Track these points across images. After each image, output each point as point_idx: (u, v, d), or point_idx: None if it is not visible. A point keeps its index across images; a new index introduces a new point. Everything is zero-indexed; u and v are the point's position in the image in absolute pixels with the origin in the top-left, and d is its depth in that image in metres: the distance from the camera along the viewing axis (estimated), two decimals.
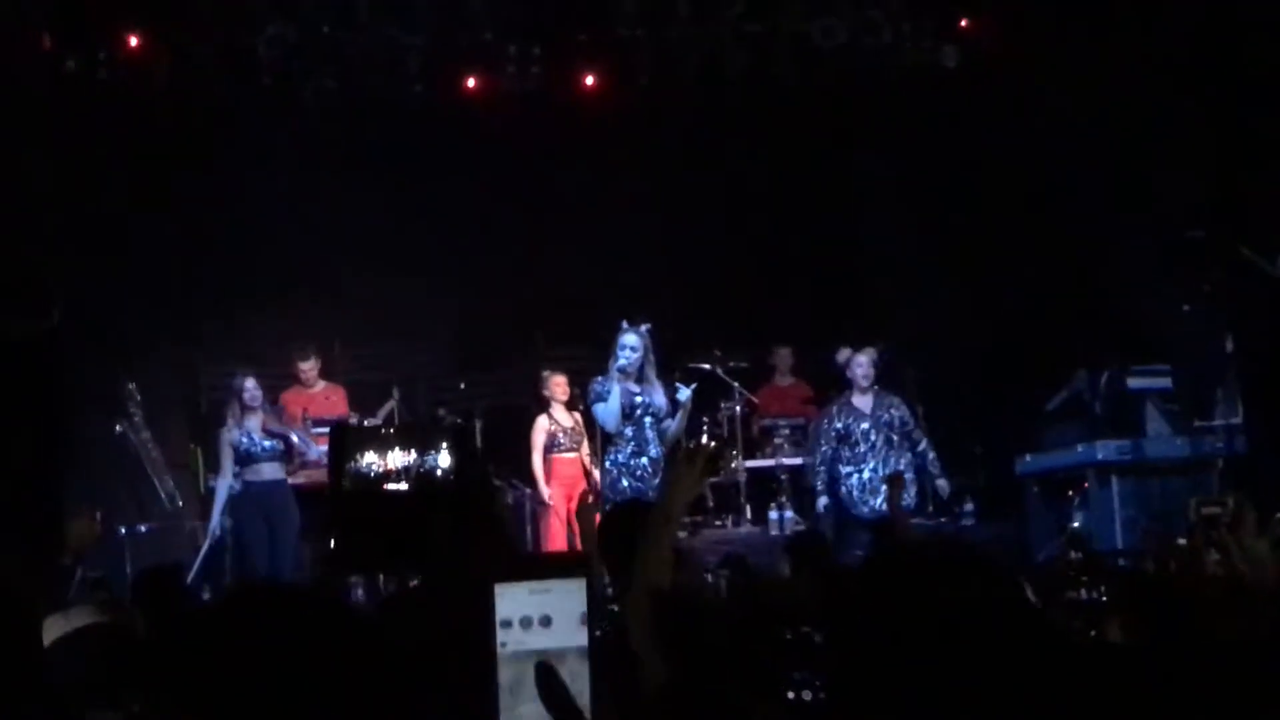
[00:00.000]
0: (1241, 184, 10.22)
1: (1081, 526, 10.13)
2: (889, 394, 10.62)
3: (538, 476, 10.93)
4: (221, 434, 10.91)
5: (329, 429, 10.34)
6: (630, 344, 9.64)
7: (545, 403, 11.12)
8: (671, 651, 3.35)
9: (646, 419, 9.64)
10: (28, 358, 10.12)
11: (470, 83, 12.47)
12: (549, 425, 10.99)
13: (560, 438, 10.95)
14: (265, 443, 10.80)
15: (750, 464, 11.85)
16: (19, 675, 3.06)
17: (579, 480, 10.77)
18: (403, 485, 9.11)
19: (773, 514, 11.34)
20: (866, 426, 10.38)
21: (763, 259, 13.14)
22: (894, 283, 12.89)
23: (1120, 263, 11.23)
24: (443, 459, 9.28)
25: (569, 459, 10.91)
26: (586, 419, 10.67)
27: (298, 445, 10.86)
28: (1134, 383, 10.77)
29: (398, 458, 9.22)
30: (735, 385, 11.99)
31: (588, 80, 12.57)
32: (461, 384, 12.31)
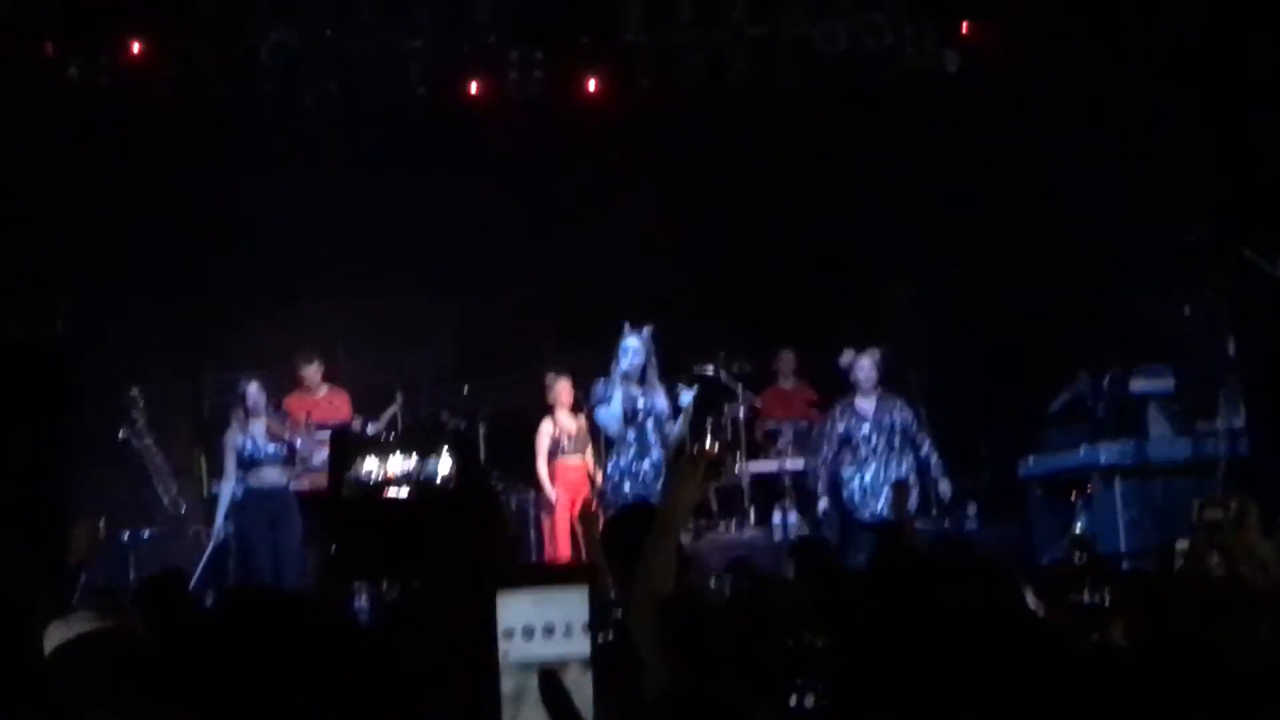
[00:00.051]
0: (1243, 186, 10.22)
1: (1084, 529, 10.13)
2: (892, 397, 10.61)
3: (542, 481, 10.92)
4: (225, 438, 10.92)
5: (329, 435, 10.34)
6: (632, 347, 9.64)
7: (550, 407, 11.12)
8: (675, 656, 3.35)
9: (648, 422, 9.65)
10: (31, 363, 10.13)
11: (473, 87, 12.46)
12: (553, 430, 10.98)
13: (564, 442, 10.94)
14: (269, 447, 10.80)
15: (754, 467, 11.83)
16: (19, 680, 3.07)
17: (583, 485, 10.77)
18: (403, 491, 9.12)
19: (776, 517, 11.32)
20: (869, 429, 10.37)
21: (766, 262, 13.13)
22: (897, 285, 12.88)
23: (1122, 265, 11.22)
24: (443, 464, 9.28)
25: (574, 463, 10.89)
26: (591, 423, 10.68)
27: (301, 450, 10.86)
28: (1136, 385, 10.74)
29: (398, 464, 9.22)
30: (739, 388, 11.98)
31: (590, 84, 12.55)
32: (465, 388, 12.29)
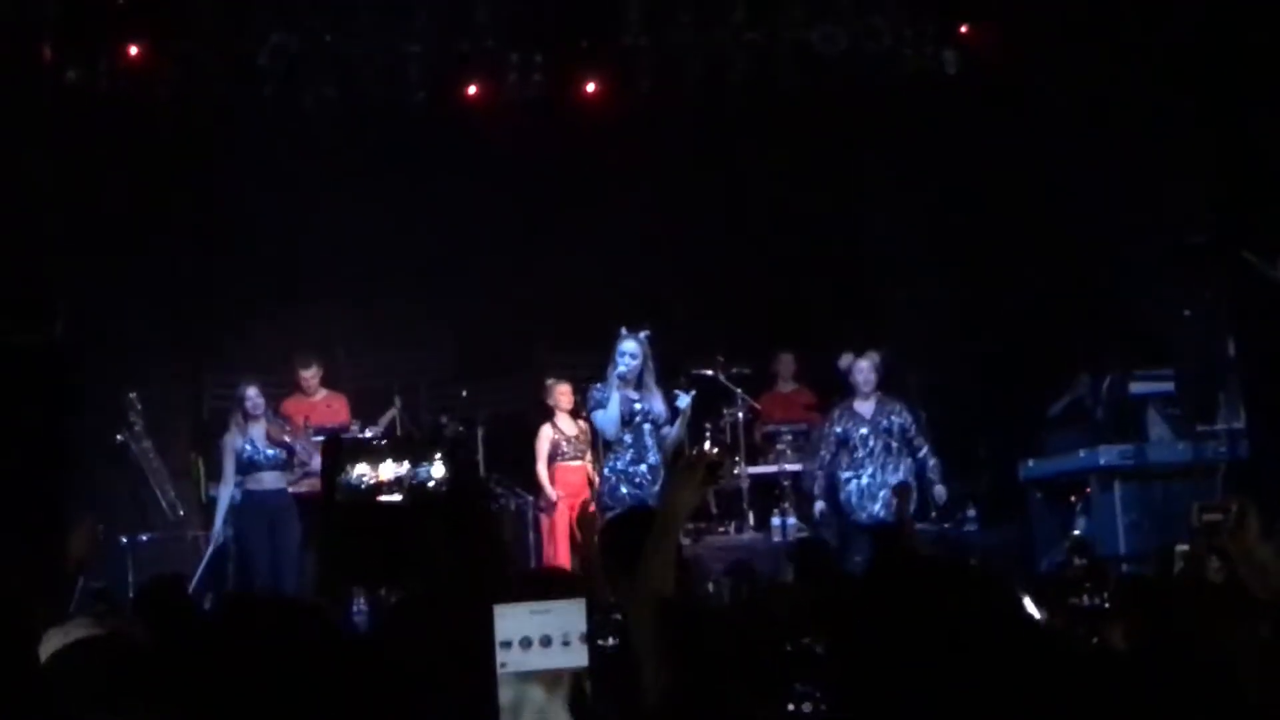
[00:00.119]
0: (1243, 188, 10.21)
1: (1084, 532, 10.13)
2: (892, 400, 10.60)
3: (543, 485, 10.92)
4: (225, 440, 10.92)
5: (324, 441, 10.36)
6: (629, 351, 9.64)
7: (549, 411, 11.11)
8: (674, 659, 3.35)
9: (646, 426, 9.65)
10: (30, 366, 10.12)
11: (472, 90, 12.45)
12: (553, 434, 10.98)
13: (564, 446, 10.94)
14: (268, 451, 10.80)
15: (753, 470, 11.82)
16: (17, 684, 3.06)
17: (583, 488, 10.76)
18: (396, 496, 9.12)
19: (775, 520, 11.32)
20: (866, 432, 10.37)
21: (765, 265, 13.13)
22: (896, 287, 12.87)
23: (1122, 267, 11.22)
24: (436, 470, 9.29)
25: (573, 467, 10.89)
26: (590, 427, 10.67)
27: (300, 454, 10.86)
28: (1136, 387, 10.75)
29: (389, 469, 9.23)
30: (738, 391, 11.97)
31: (590, 87, 12.54)
32: (464, 392, 12.28)
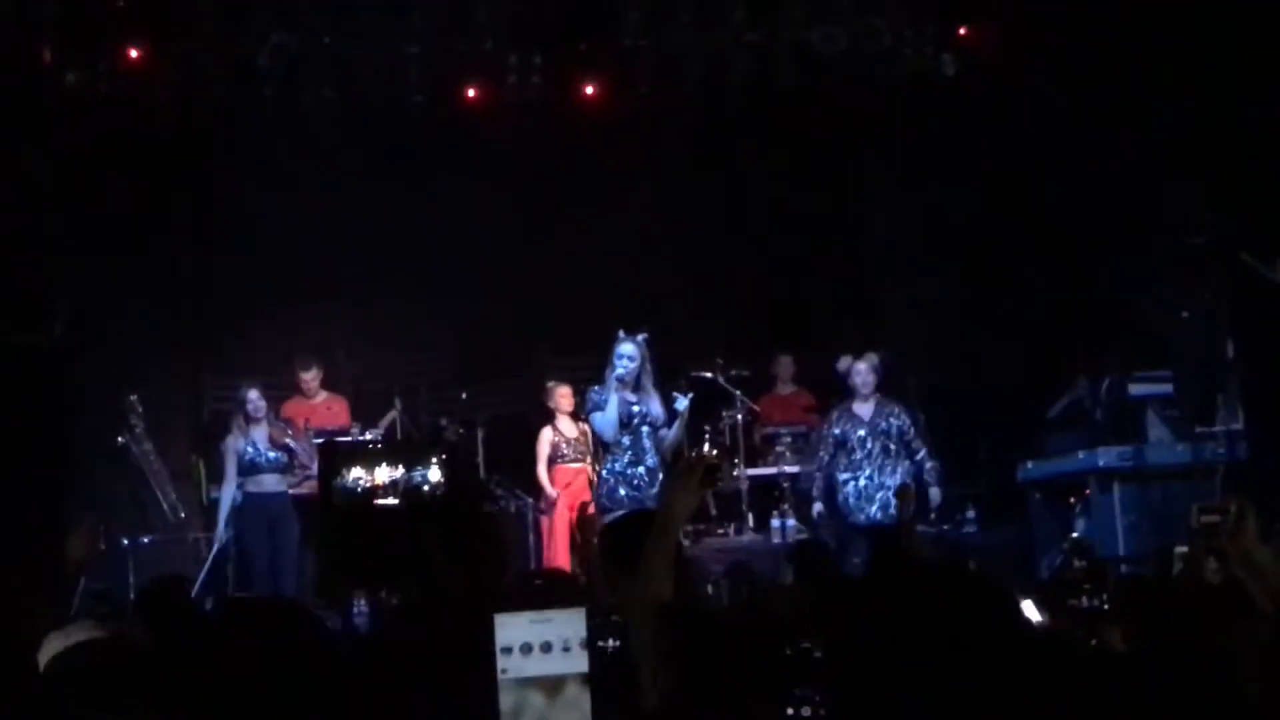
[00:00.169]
0: (1242, 190, 10.21)
1: (1083, 533, 10.13)
2: (891, 402, 10.60)
3: (543, 486, 10.93)
4: (226, 442, 10.93)
5: (320, 445, 10.37)
6: (627, 353, 9.64)
7: (550, 413, 11.12)
8: (673, 662, 3.35)
9: (644, 428, 9.65)
10: (30, 367, 10.13)
11: (471, 92, 12.45)
12: (553, 436, 10.99)
13: (564, 448, 10.94)
14: (270, 454, 10.81)
15: (752, 472, 11.83)
16: (16, 687, 3.07)
17: (584, 490, 10.75)
18: (391, 500, 9.13)
19: (775, 522, 11.33)
20: (864, 434, 10.36)
21: (765, 267, 13.14)
22: (896, 289, 12.87)
23: (1121, 268, 11.21)
24: (432, 474, 9.30)
25: (574, 469, 10.89)
26: (591, 429, 10.67)
27: (301, 457, 10.86)
28: (1135, 389, 10.74)
29: (384, 473, 9.25)
30: (737, 394, 11.98)
31: (589, 89, 12.54)
32: (464, 394, 12.29)
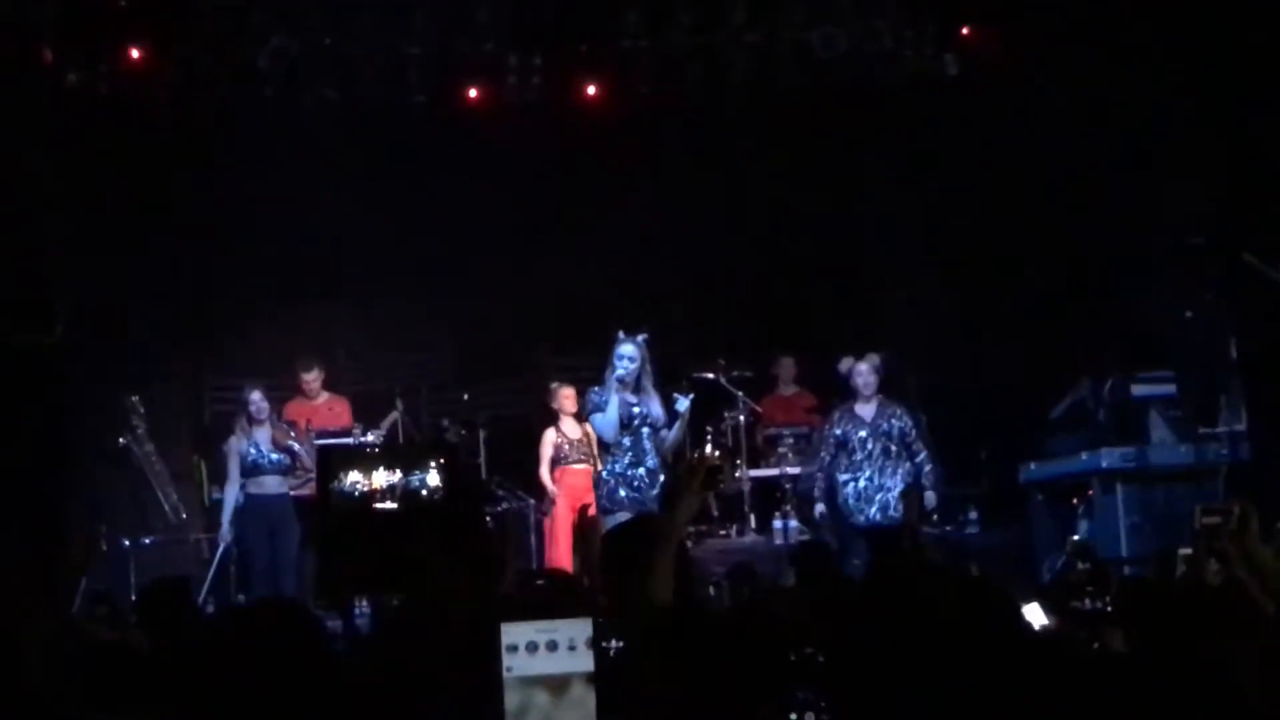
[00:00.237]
0: (1244, 190, 10.21)
1: (1086, 535, 10.12)
2: (893, 404, 10.59)
3: (546, 488, 10.92)
4: (229, 443, 10.92)
5: (319, 448, 10.37)
6: (627, 354, 9.63)
7: (554, 415, 11.10)
8: (675, 665, 3.34)
9: (644, 429, 9.64)
10: (31, 368, 10.13)
11: (472, 93, 12.45)
12: (557, 438, 10.97)
13: (567, 449, 10.92)
14: (273, 455, 10.81)
15: (754, 473, 11.83)
16: (16, 688, 3.06)
17: (587, 492, 10.73)
18: (389, 504, 9.12)
19: (777, 523, 11.32)
20: (865, 435, 10.35)
21: (766, 268, 13.14)
22: (896, 289, 12.87)
23: (1123, 270, 11.21)
24: (430, 478, 9.29)
25: (577, 470, 10.87)
26: None
27: (304, 459, 10.86)
28: (1138, 390, 10.73)
29: (382, 477, 9.24)
30: (739, 394, 11.97)
31: (589, 90, 12.54)
32: (465, 395, 12.29)
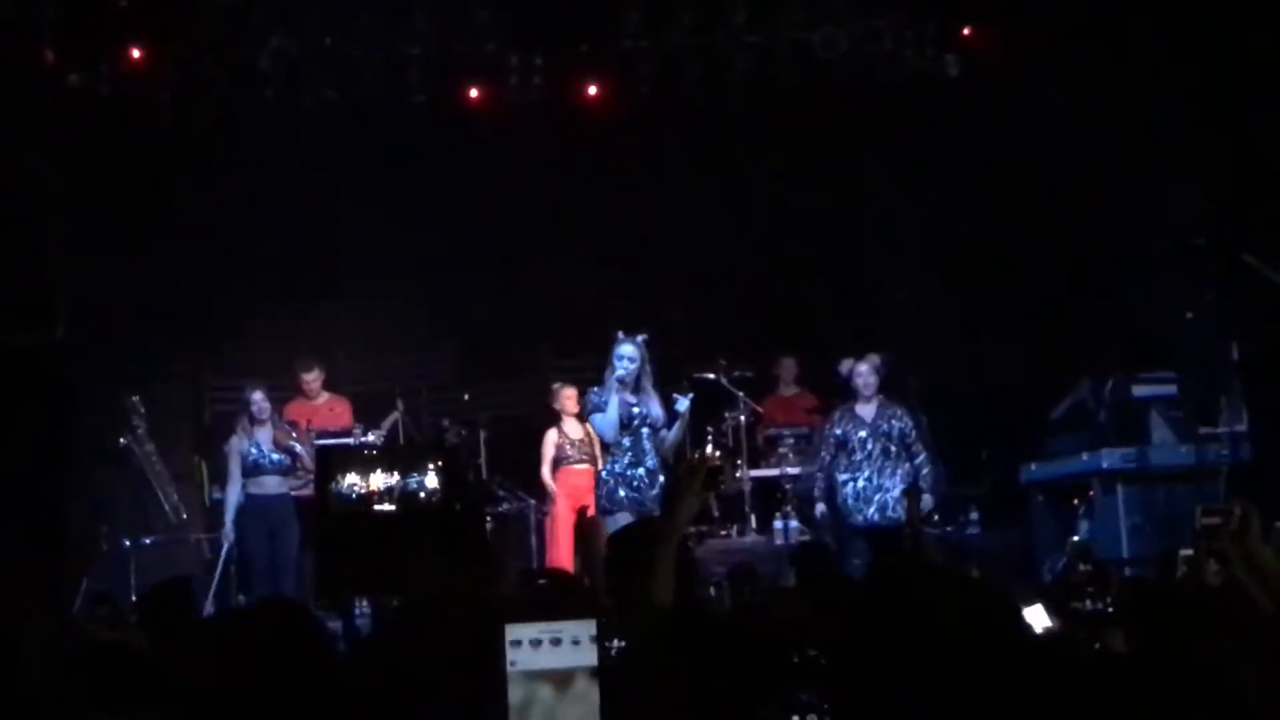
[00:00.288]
0: (1245, 191, 10.20)
1: (1086, 535, 10.12)
2: (893, 404, 10.58)
3: (548, 488, 10.92)
4: (230, 443, 10.92)
5: (318, 449, 10.37)
6: (627, 354, 9.63)
7: (555, 415, 11.10)
8: (676, 666, 3.34)
9: (644, 430, 9.64)
10: (31, 368, 10.13)
11: (472, 93, 12.45)
12: (558, 438, 10.97)
13: (569, 450, 10.93)
14: (274, 456, 10.81)
15: (755, 474, 11.82)
16: (16, 689, 3.06)
17: (588, 492, 10.72)
18: (388, 506, 9.12)
19: (778, 524, 11.31)
20: (865, 435, 10.35)
21: (766, 268, 13.14)
22: (897, 290, 12.88)
23: (1124, 270, 11.21)
24: (429, 480, 9.28)
25: (579, 470, 10.86)
26: None
27: (305, 460, 10.86)
28: (1139, 390, 10.73)
29: (380, 479, 9.24)
30: (739, 395, 11.97)
31: (590, 90, 12.54)
32: (466, 395, 12.29)
